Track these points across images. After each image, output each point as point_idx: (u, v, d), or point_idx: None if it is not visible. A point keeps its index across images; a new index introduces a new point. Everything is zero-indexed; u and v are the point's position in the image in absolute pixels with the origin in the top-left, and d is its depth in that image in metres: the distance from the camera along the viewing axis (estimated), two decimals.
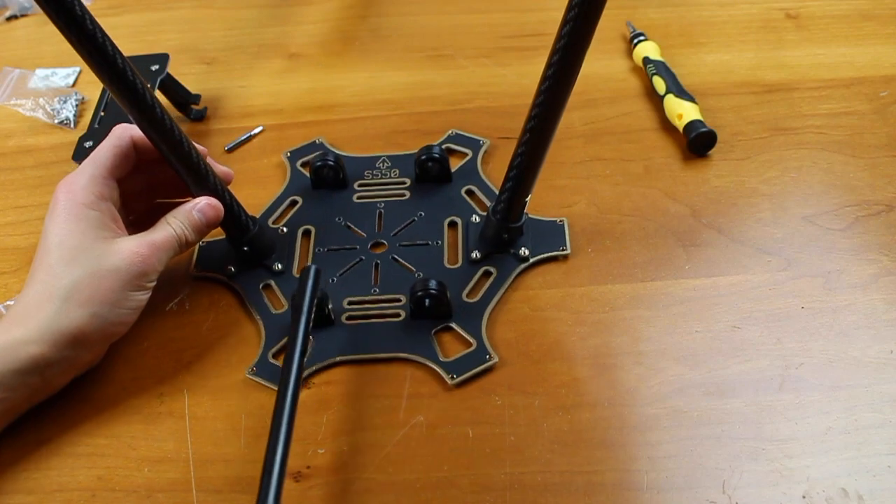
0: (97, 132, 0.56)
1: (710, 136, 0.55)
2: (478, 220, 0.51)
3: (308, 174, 0.54)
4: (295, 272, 0.49)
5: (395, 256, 0.49)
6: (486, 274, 0.48)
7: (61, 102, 0.63)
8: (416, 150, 0.54)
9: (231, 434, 0.43)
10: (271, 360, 0.45)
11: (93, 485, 0.41)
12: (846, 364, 0.44)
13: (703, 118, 0.56)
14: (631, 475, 0.40)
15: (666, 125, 0.58)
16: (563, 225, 0.50)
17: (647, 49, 0.62)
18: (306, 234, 0.51)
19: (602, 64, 0.64)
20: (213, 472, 0.42)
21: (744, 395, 0.43)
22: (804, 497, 0.39)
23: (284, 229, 0.51)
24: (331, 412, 0.44)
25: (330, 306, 0.46)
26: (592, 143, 0.57)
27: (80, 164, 0.54)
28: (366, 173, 0.54)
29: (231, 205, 0.46)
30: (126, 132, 0.45)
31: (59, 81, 0.66)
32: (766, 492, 0.39)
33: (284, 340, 0.45)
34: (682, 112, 0.56)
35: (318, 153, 0.54)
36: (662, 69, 0.60)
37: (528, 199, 0.46)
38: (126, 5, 0.75)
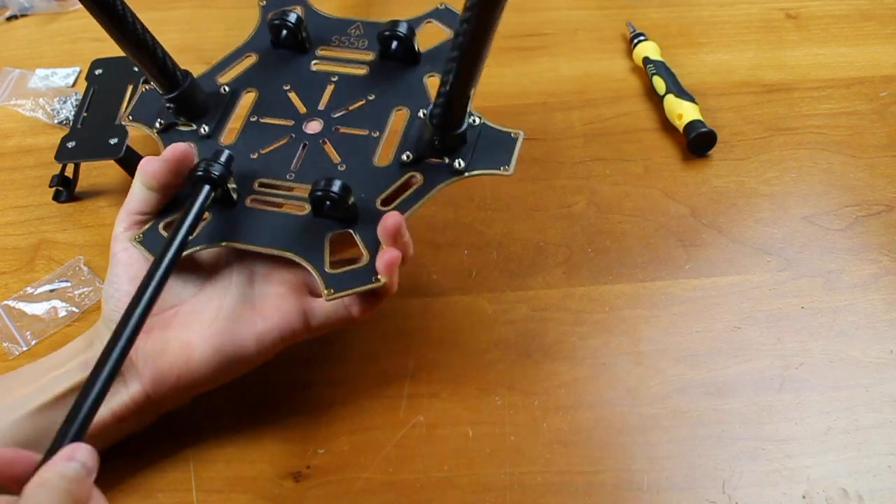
0: (79, 132, 0.55)
1: (709, 136, 0.55)
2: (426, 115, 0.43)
3: None
4: (221, 139, 0.44)
5: (326, 140, 0.44)
6: (412, 180, 0.42)
7: (61, 102, 0.63)
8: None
9: None
10: (161, 231, 0.41)
11: None
12: (846, 364, 0.44)
13: (703, 118, 0.56)
14: (631, 475, 0.40)
15: (666, 125, 0.58)
16: (517, 139, 0.42)
17: (647, 49, 0.62)
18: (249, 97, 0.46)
19: (602, 64, 0.64)
20: None
21: (744, 395, 0.43)
22: (804, 497, 0.39)
23: (227, 88, 0.46)
24: (331, 412, 0.44)
25: (233, 186, 0.41)
26: (592, 143, 0.57)
27: (61, 163, 0.55)
28: (333, 38, 0.48)
29: (154, 53, 0.41)
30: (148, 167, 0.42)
31: (59, 81, 0.66)
32: (766, 492, 0.39)
33: (178, 214, 0.40)
34: (682, 112, 0.56)
35: (285, 8, 0.48)
36: (662, 69, 0.60)
37: (468, 103, 0.39)
38: None
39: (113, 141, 0.54)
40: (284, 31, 0.47)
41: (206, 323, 0.39)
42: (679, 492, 0.39)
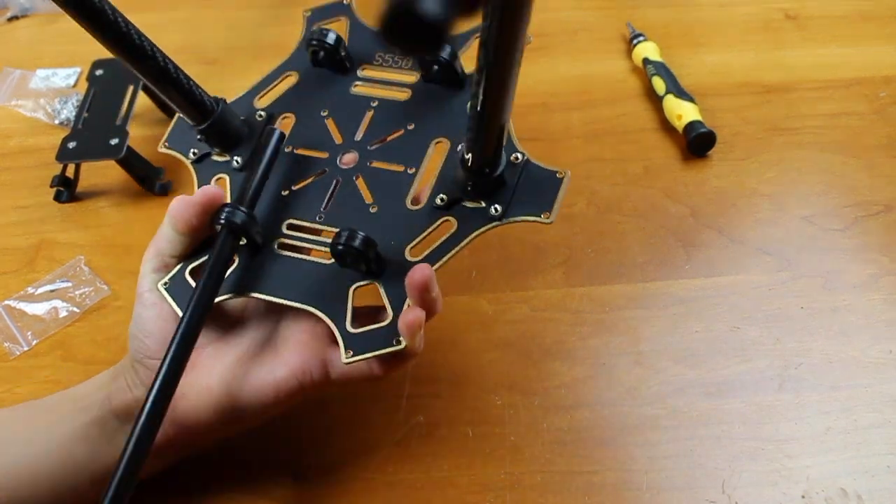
0: (80, 133, 0.56)
1: (709, 136, 0.55)
2: None
3: None
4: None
5: (360, 175, 0.41)
6: (445, 226, 0.38)
7: (62, 103, 0.63)
8: None
9: None
10: (187, 277, 0.38)
11: None
12: (845, 364, 0.44)
13: (703, 119, 0.56)
14: (631, 475, 0.40)
15: (665, 126, 0.58)
16: (562, 180, 0.38)
17: (647, 49, 0.62)
18: (282, 135, 0.43)
19: (602, 64, 0.64)
20: None
21: (743, 395, 0.43)
22: (803, 497, 0.39)
23: (262, 114, 0.43)
24: (331, 412, 0.44)
25: (259, 230, 0.39)
26: (592, 144, 0.57)
27: (62, 164, 0.55)
28: (377, 56, 0.44)
29: (178, 81, 0.38)
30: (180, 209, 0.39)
31: (60, 82, 0.66)
32: (766, 492, 0.39)
33: (205, 257, 0.39)
34: (682, 112, 0.56)
35: (325, 27, 0.44)
36: (662, 70, 0.60)
37: (503, 142, 0.36)
38: (126, 5, 0.74)
39: (114, 141, 0.54)
40: (322, 53, 0.44)
41: (226, 367, 0.37)
42: (679, 492, 0.40)
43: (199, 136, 0.41)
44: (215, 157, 0.42)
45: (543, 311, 0.48)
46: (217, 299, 0.37)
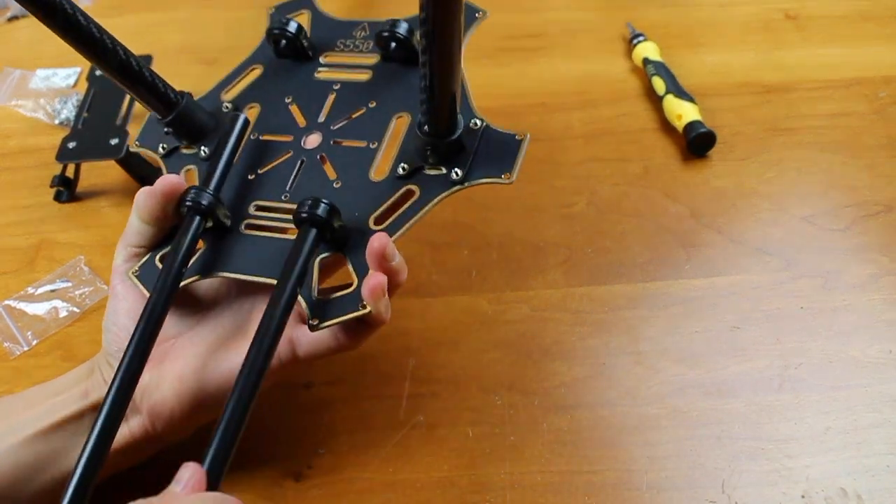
0: (80, 133, 0.56)
1: (709, 136, 0.55)
2: None
3: None
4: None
5: (324, 155, 0.41)
6: (408, 194, 0.39)
7: (62, 103, 0.63)
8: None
9: None
10: (157, 263, 0.39)
11: None
12: (845, 364, 0.44)
13: (703, 119, 0.56)
14: (631, 475, 0.40)
15: (665, 126, 0.58)
16: (521, 141, 0.38)
17: (647, 49, 0.62)
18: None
19: (602, 64, 0.64)
20: None
21: (743, 395, 0.43)
22: (803, 497, 0.39)
23: (229, 105, 0.44)
24: (331, 412, 0.44)
25: (226, 212, 0.39)
26: (592, 144, 0.57)
27: (62, 164, 0.55)
28: (338, 42, 0.46)
29: (141, 76, 0.39)
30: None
31: (60, 82, 0.66)
32: (766, 491, 0.39)
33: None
34: (682, 112, 0.56)
35: (287, 17, 0.45)
36: (662, 70, 0.60)
37: (456, 105, 0.36)
38: (126, 6, 0.75)
39: (114, 141, 0.54)
40: (283, 42, 0.45)
41: (198, 354, 0.38)
42: (679, 492, 0.40)
43: (165, 130, 0.42)
44: (184, 150, 0.43)
45: (543, 311, 0.48)
46: (184, 282, 0.38)
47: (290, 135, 0.43)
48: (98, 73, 0.60)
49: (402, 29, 0.43)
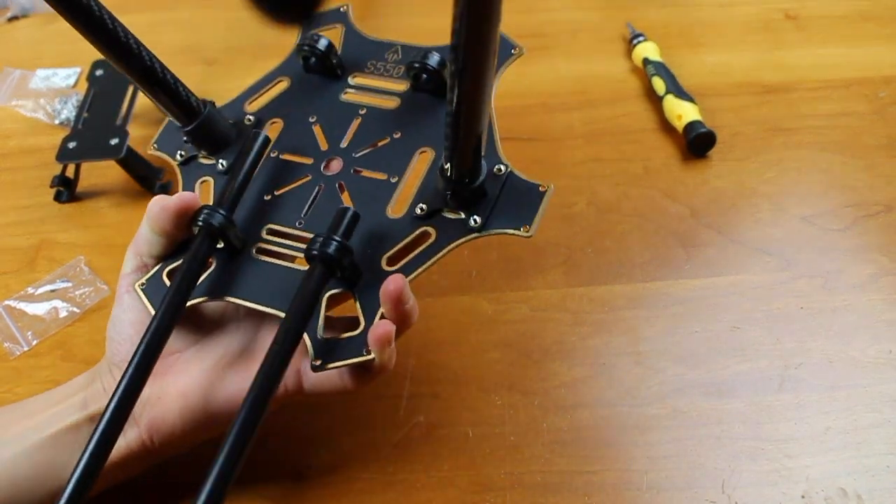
0: (80, 133, 0.56)
1: (709, 136, 0.55)
2: None
3: None
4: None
5: (342, 183, 0.40)
6: (424, 236, 0.38)
7: (62, 103, 0.63)
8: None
9: None
10: (164, 279, 0.38)
11: None
12: (845, 364, 0.44)
13: (703, 119, 0.56)
14: (631, 475, 0.40)
15: (665, 126, 0.58)
16: (545, 194, 0.37)
17: (647, 50, 0.62)
18: (267, 139, 0.42)
19: (602, 64, 0.64)
20: None
21: (743, 395, 0.43)
22: (803, 497, 0.39)
23: (251, 118, 0.43)
24: (331, 412, 0.44)
25: (237, 234, 0.39)
26: (592, 144, 0.57)
27: (62, 164, 0.55)
28: (369, 63, 0.45)
29: (164, 81, 0.38)
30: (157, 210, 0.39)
31: (60, 82, 0.66)
32: (766, 491, 0.39)
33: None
34: (682, 113, 0.56)
35: (319, 32, 0.44)
36: (662, 70, 0.60)
37: (480, 151, 0.35)
38: (126, 6, 0.74)
39: (114, 141, 0.54)
40: (313, 59, 0.44)
41: (202, 372, 0.37)
42: (679, 492, 0.40)
43: (185, 139, 0.41)
44: (202, 160, 0.42)
45: (543, 311, 0.48)
46: (191, 302, 0.37)
47: (310, 157, 0.42)
48: (98, 73, 0.60)
49: (434, 61, 0.41)
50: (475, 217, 0.37)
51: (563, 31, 0.67)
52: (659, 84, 0.59)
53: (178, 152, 0.42)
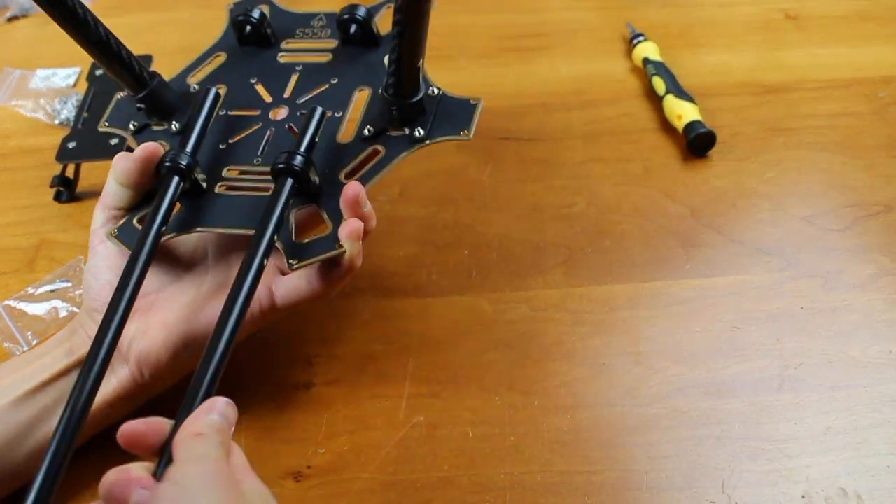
0: (80, 133, 0.56)
1: (709, 136, 0.55)
2: None
3: None
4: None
5: (291, 125, 0.45)
6: (374, 153, 0.43)
7: (62, 103, 0.63)
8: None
9: None
10: (135, 224, 0.42)
11: None
12: (845, 364, 0.44)
13: (703, 119, 0.56)
14: (630, 475, 0.40)
15: (665, 126, 0.58)
16: (476, 105, 0.43)
17: (647, 50, 0.62)
18: (217, 93, 0.47)
19: (602, 64, 0.64)
20: None
21: (743, 396, 0.43)
22: (803, 497, 0.39)
23: (196, 87, 0.47)
24: (331, 412, 0.44)
25: (202, 175, 0.42)
26: (592, 144, 0.57)
27: (62, 164, 0.55)
28: (297, 31, 0.50)
29: (119, 55, 0.42)
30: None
31: (60, 82, 0.66)
32: (766, 491, 0.39)
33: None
34: (682, 113, 0.56)
35: (249, 6, 0.49)
36: (662, 70, 0.60)
37: (420, 69, 0.41)
38: (126, 6, 0.75)
39: (113, 141, 0.54)
40: (248, 27, 0.48)
41: (183, 305, 0.40)
42: (678, 492, 0.40)
43: (138, 106, 0.45)
44: (154, 127, 0.46)
45: (543, 311, 0.48)
46: (166, 237, 0.41)
47: (257, 109, 0.46)
48: (98, 72, 0.60)
49: (361, 11, 0.47)
50: (419, 129, 0.42)
51: (563, 31, 0.67)
52: (659, 84, 0.59)
53: (131, 123, 0.46)
